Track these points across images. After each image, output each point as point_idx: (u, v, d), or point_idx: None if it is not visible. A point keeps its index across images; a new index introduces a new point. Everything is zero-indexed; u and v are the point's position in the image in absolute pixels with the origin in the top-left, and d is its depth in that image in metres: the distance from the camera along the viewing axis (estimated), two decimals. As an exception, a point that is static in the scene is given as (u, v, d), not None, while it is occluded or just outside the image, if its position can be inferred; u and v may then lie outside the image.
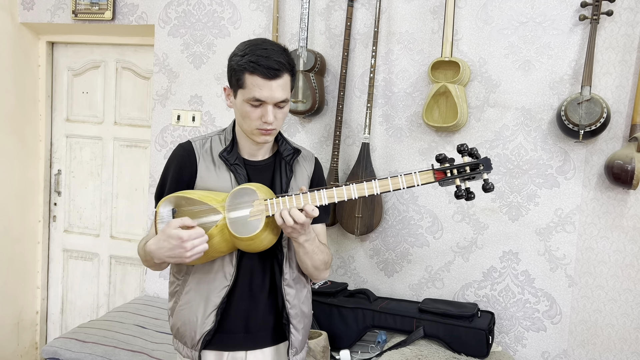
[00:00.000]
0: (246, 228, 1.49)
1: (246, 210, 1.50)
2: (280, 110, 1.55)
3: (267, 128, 1.55)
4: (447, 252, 2.68)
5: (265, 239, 1.52)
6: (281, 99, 1.52)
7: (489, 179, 1.47)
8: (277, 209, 1.48)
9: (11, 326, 3.48)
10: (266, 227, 1.50)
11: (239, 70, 1.52)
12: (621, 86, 2.40)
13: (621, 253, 2.44)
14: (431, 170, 1.47)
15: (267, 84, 1.49)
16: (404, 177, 1.47)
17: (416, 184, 1.47)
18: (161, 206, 1.59)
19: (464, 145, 1.47)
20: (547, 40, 2.49)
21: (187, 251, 1.45)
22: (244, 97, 1.53)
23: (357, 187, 1.49)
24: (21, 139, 3.46)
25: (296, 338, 1.66)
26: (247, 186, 1.52)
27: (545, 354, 2.56)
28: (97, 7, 3.17)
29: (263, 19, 2.92)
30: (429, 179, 1.47)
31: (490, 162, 1.46)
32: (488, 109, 2.58)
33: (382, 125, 2.74)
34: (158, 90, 3.14)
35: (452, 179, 1.46)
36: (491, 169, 1.47)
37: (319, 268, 1.65)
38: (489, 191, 1.45)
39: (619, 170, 2.28)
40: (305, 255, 1.60)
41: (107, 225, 3.55)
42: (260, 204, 1.49)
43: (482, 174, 1.46)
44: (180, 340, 1.67)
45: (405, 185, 1.47)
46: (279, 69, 1.50)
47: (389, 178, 1.48)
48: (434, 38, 2.64)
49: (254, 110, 1.53)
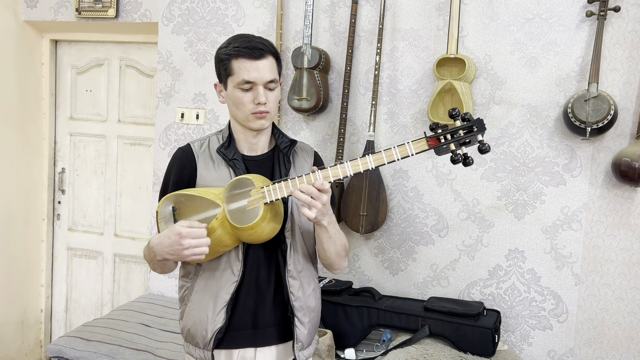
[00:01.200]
0: (246, 217, 1.49)
1: (244, 200, 1.51)
2: (271, 92, 1.58)
3: (261, 110, 1.57)
4: (452, 250, 2.66)
5: (266, 227, 1.52)
6: (269, 78, 1.56)
7: (484, 139, 1.44)
8: (274, 195, 1.49)
9: (16, 324, 3.49)
10: (266, 214, 1.49)
11: (226, 59, 1.57)
12: (628, 83, 2.38)
13: (628, 251, 2.42)
14: (424, 138, 1.45)
15: (253, 64, 1.53)
16: (398, 148, 1.46)
17: (410, 154, 1.45)
18: (162, 205, 1.61)
19: (455, 109, 1.44)
20: (554, 36, 2.47)
21: (184, 248, 1.46)
22: (233, 83, 1.56)
23: (351, 164, 1.48)
24: (25, 137, 3.46)
25: (301, 332, 1.65)
26: (242, 177, 1.53)
27: (552, 352, 2.54)
28: (100, 4, 3.16)
29: (267, 16, 2.90)
30: (423, 147, 1.45)
31: (483, 122, 1.43)
32: (494, 106, 2.57)
33: (386, 122, 2.72)
34: (162, 88, 3.13)
35: (447, 144, 1.44)
36: (485, 129, 1.43)
37: (340, 255, 1.65)
38: (485, 152, 1.43)
39: (627, 168, 2.27)
40: (329, 241, 1.59)
41: (111, 223, 3.55)
42: (257, 192, 1.50)
43: (476, 136, 1.43)
44: (192, 342, 1.66)
45: (399, 156, 1.45)
46: (263, 49, 1.55)
47: (382, 151, 1.46)
48: (439, 35, 2.62)
49: (245, 95, 1.56)
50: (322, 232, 1.57)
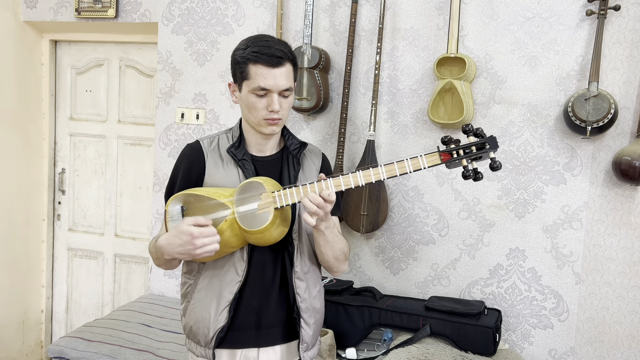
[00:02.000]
0: (255, 221, 1.49)
1: (254, 204, 1.51)
2: (285, 99, 1.58)
3: (273, 117, 1.57)
4: (453, 249, 2.66)
5: (275, 231, 1.52)
6: (285, 87, 1.55)
7: (495, 157, 1.44)
8: (284, 201, 1.48)
9: (16, 325, 3.49)
10: (275, 219, 1.49)
11: (242, 62, 1.55)
12: (629, 82, 2.38)
13: (629, 250, 2.43)
14: (437, 152, 1.45)
15: (270, 72, 1.52)
16: (410, 160, 1.46)
17: (423, 167, 1.45)
18: (170, 204, 1.60)
19: (469, 125, 1.44)
20: (554, 35, 2.47)
21: (196, 248, 1.47)
22: (249, 88, 1.55)
23: (363, 174, 1.48)
24: (25, 137, 3.46)
25: (307, 333, 1.65)
26: (253, 180, 1.53)
27: (553, 351, 2.54)
28: (100, 4, 3.16)
29: (267, 16, 2.90)
30: (435, 161, 1.45)
31: (496, 140, 1.44)
32: (494, 106, 2.57)
33: (387, 122, 2.72)
34: (162, 88, 3.13)
35: (459, 159, 1.44)
36: (497, 147, 1.44)
37: (339, 258, 1.65)
38: (496, 169, 1.44)
39: (627, 167, 2.27)
40: (327, 245, 1.59)
41: (111, 223, 3.54)
42: (268, 196, 1.50)
43: (488, 153, 1.44)
44: (194, 339, 1.66)
45: (412, 169, 1.45)
46: (281, 57, 1.53)
47: (395, 163, 1.46)
48: (439, 34, 2.62)
49: (259, 101, 1.55)
50: (319, 236, 1.58)
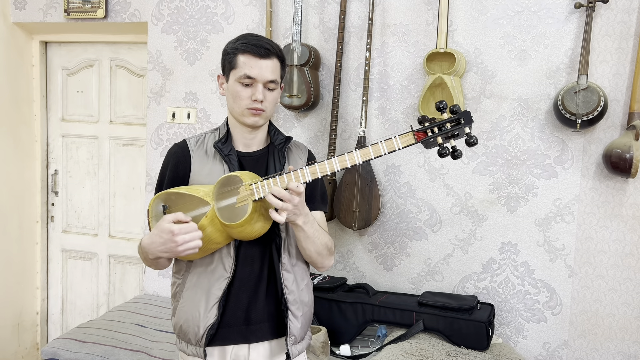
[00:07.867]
0: (235, 215, 1.50)
1: (233, 198, 1.51)
2: (270, 92, 1.61)
3: (257, 107, 1.59)
4: (446, 244, 2.66)
5: (256, 223, 1.52)
6: (270, 78, 1.59)
7: (471, 132, 1.43)
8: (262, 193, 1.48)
9: (12, 327, 3.48)
10: (254, 211, 1.49)
11: (232, 53, 1.61)
12: (618, 74, 2.38)
13: (621, 242, 2.43)
14: (411, 132, 1.44)
15: (257, 62, 1.57)
16: (384, 142, 1.44)
17: (397, 148, 1.44)
18: (153, 204, 1.62)
19: (442, 102, 1.43)
20: (543, 29, 2.47)
21: (178, 245, 1.47)
22: (235, 76, 1.60)
23: (339, 159, 1.47)
24: (17, 139, 3.45)
25: (294, 326, 1.65)
26: (232, 174, 1.54)
27: (546, 344, 2.55)
28: (89, 5, 3.15)
29: (256, 14, 2.89)
30: (410, 141, 1.44)
31: (470, 115, 1.42)
32: (484, 100, 2.56)
33: (378, 118, 2.72)
34: (152, 87, 3.12)
35: (434, 137, 1.42)
36: (472, 122, 1.42)
37: (322, 254, 1.65)
38: (472, 145, 1.41)
39: (618, 159, 2.27)
40: (307, 240, 1.59)
41: (105, 224, 3.54)
42: (246, 189, 1.50)
43: (463, 129, 1.42)
44: (184, 338, 1.66)
45: (387, 151, 1.44)
46: (269, 49, 1.59)
47: (369, 146, 1.45)
48: (428, 29, 2.61)
49: (244, 90, 1.59)
50: (298, 232, 1.57)
